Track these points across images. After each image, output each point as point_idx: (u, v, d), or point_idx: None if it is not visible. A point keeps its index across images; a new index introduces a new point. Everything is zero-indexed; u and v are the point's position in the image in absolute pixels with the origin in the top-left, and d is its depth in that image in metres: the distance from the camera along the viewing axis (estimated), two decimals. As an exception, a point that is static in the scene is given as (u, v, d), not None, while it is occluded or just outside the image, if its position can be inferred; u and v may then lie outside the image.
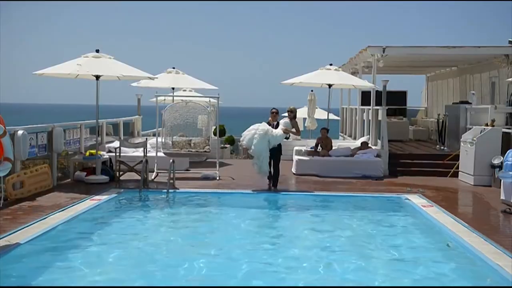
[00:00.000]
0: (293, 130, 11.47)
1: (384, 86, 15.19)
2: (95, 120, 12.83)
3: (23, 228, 7.67)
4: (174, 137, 12.96)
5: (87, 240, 7.57)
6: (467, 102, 16.28)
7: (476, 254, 6.90)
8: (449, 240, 7.74)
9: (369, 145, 15.17)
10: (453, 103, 17.88)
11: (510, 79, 14.82)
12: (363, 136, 16.94)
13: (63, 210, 8.98)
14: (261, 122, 11.23)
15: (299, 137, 14.44)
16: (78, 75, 12.02)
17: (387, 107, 15.35)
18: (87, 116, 16.51)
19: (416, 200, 10.52)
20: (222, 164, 13.79)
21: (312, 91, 17.83)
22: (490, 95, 16.00)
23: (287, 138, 11.11)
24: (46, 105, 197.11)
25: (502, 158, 11.36)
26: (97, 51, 12.06)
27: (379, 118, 15.32)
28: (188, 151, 12.82)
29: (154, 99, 14.09)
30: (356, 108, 19.44)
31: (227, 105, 26.72)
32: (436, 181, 13.03)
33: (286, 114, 12.00)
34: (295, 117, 11.69)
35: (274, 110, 11.41)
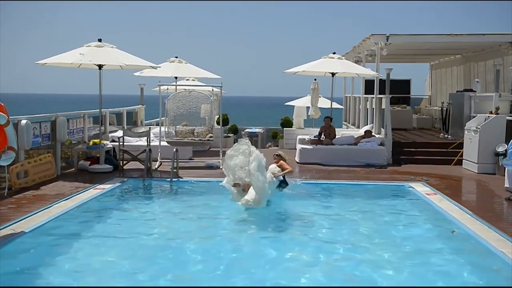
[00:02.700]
0: (282, 172, 9.45)
1: (388, 75, 15.14)
2: (98, 110, 12.83)
3: (27, 216, 7.70)
4: (178, 126, 12.96)
5: (91, 228, 7.60)
6: (471, 90, 16.20)
7: (480, 242, 6.90)
8: (453, 227, 7.74)
9: (373, 133, 15.14)
10: (457, 91, 17.80)
11: (514, 67, 14.74)
12: (367, 124, 16.90)
13: (67, 199, 9.01)
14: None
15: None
16: (80, 64, 12.00)
17: (390, 96, 15.30)
18: (90, 106, 16.50)
19: (420, 188, 10.51)
20: (225, 153, 13.78)
21: (315, 80, 17.75)
22: (495, 82, 15.89)
23: (283, 185, 9.54)
24: (50, 95, 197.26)
25: (506, 145, 11.33)
26: (100, 40, 12.04)
27: (383, 106, 15.27)
28: (192, 140, 12.82)
29: (157, 88, 14.06)
30: (359, 97, 19.38)
31: (230, 95, 26.64)
32: (440, 169, 13.01)
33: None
34: (282, 159, 9.77)
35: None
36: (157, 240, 7.20)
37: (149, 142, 12.45)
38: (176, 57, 16.95)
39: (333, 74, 15.11)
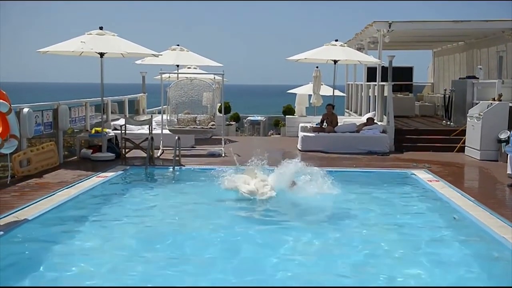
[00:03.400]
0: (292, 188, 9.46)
1: (390, 62, 15.06)
2: (100, 98, 12.82)
3: (30, 204, 7.73)
4: (180, 114, 12.95)
5: (94, 216, 7.62)
6: (474, 77, 16.14)
7: (482, 228, 6.91)
8: (455, 214, 7.74)
9: (375, 121, 15.11)
10: (459, 78, 17.73)
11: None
12: (369, 112, 16.88)
13: (70, 187, 9.04)
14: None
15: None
16: (82, 52, 11.97)
17: (393, 83, 15.24)
18: (92, 94, 16.49)
19: (422, 175, 10.51)
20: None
21: (317, 67, 17.71)
22: (498, 69, 15.83)
23: None
24: (52, 84, 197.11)
25: (508, 132, 11.31)
26: (101, 28, 11.99)
27: (385, 94, 15.23)
28: (194, 128, 12.82)
29: (159, 76, 14.03)
30: (361, 84, 19.32)
31: (232, 83, 26.58)
32: (442, 156, 13.00)
33: None
34: None
35: None
36: (159, 228, 7.22)
37: (151, 130, 12.44)
38: (178, 45, 16.89)
39: (335, 61, 15.05)
